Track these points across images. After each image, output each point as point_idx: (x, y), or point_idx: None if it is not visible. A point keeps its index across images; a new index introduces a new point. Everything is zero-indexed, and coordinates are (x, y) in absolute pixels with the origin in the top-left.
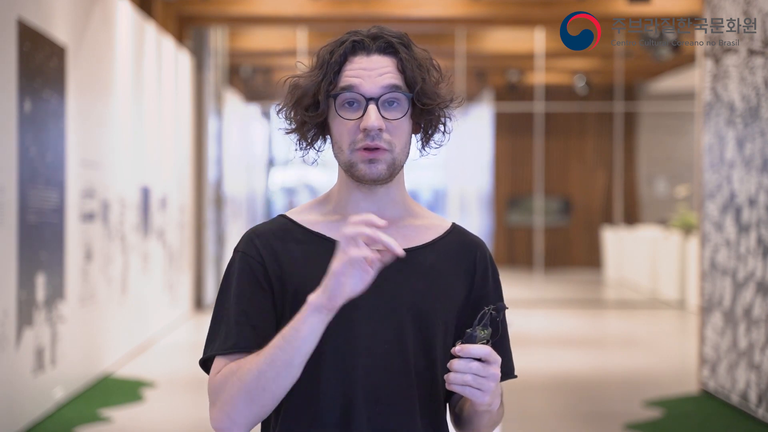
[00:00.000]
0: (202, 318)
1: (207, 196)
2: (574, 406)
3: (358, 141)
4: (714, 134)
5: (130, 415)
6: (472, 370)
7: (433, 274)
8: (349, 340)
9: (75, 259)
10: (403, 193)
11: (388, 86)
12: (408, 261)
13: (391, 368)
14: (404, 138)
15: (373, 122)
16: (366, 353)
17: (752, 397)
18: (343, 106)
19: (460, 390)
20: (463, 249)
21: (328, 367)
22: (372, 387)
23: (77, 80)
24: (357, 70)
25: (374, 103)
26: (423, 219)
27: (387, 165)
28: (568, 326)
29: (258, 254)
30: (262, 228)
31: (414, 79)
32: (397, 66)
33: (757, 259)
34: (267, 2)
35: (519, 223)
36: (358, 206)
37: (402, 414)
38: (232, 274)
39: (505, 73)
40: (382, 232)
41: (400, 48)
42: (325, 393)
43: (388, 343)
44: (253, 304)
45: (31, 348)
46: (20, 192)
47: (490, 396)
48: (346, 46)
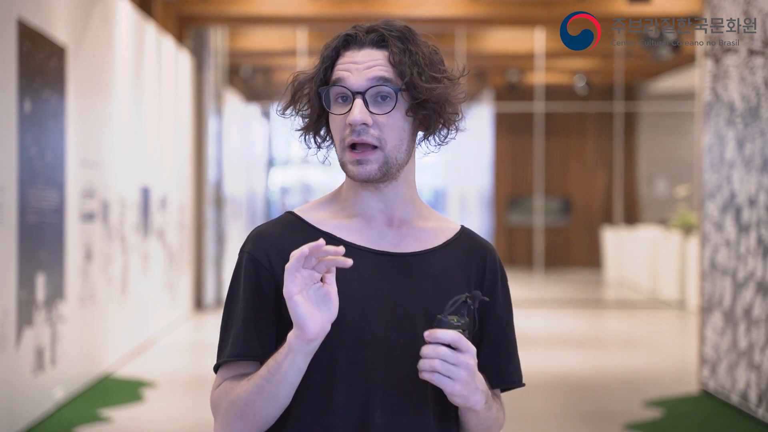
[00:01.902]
0: (202, 318)
1: (207, 196)
2: (574, 406)
3: (346, 137)
4: (714, 134)
5: (130, 415)
6: (439, 356)
7: (443, 279)
8: (363, 348)
9: (75, 259)
10: (412, 193)
11: (374, 79)
12: (418, 265)
13: (405, 376)
14: (397, 134)
15: (355, 116)
16: (381, 362)
17: (752, 397)
18: (336, 101)
19: (428, 377)
20: (473, 253)
21: (343, 376)
22: (388, 395)
23: (77, 80)
24: (347, 63)
25: (360, 96)
26: (432, 221)
27: (378, 164)
28: (568, 326)
29: (265, 256)
30: (269, 228)
31: (403, 72)
32: (388, 59)
33: (757, 259)
34: (267, 2)
35: (519, 223)
36: (366, 205)
37: (417, 422)
38: (239, 278)
39: (505, 73)
40: (390, 233)
41: (393, 41)
42: (340, 402)
43: (402, 349)
44: (259, 311)
45: (31, 348)
46: (20, 192)
47: (462, 386)
48: (339, 40)
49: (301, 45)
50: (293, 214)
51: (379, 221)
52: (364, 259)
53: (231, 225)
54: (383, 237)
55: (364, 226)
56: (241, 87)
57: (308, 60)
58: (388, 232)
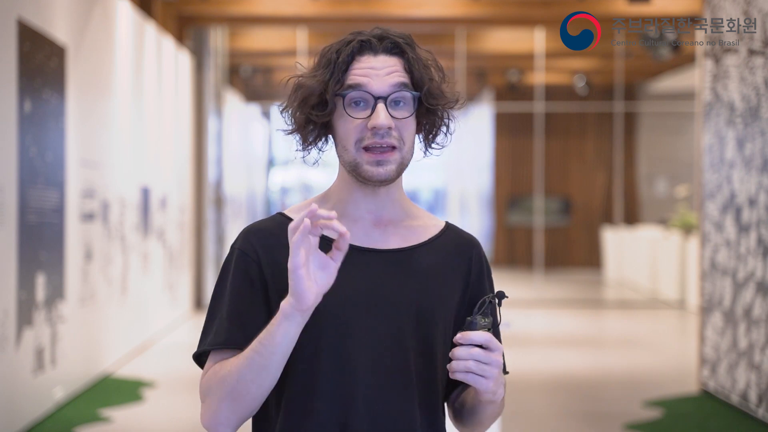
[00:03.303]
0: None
1: (207, 196)
2: (574, 406)
3: (366, 139)
4: (714, 134)
5: (130, 415)
6: (474, 357)
7: (430, 273)
8: (347, 338)
9: (75, 259)
10: (401, 194)
11: (396, 85)
12: (405, 260)
13: (391, 367)
14: (411, 137)
15: (382, 120)
16: (366, 352)
17: (752, 397)
18: (350, 105)
19: (462, 377)
20: (459, 249)
21: (327, 365)
22: (372, 386)
23: (77, 80)
24: (365, 69)
25: (383, 101)
26: (419, 219)
27: (396, 165)
28: (568, 326)
29: (254, 251)
30: (259, 225)
31: (421, 79)
32: (404, 66)
33: (757, 259)
34: (267, 2)
35: (519, 223)
36: (358, 206)
37: (401, 413)
38: (228, 271)
39: (505, 73)
40: (377, 232)
41: (407, 48)
42: (323, 390)
43: (388, 341)
44: (246, 303)
45: (31, 348)
46: (20, 192)
47: (494, 383)
48: (353, 45)
49: (301, 45)
50: (282, 215)
51: (367, 221)
52: (348, 256)
53: (231, 225)
54: (369, 236)
55: (351, 225)
56: (241, 87)
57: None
58: (374, 231)
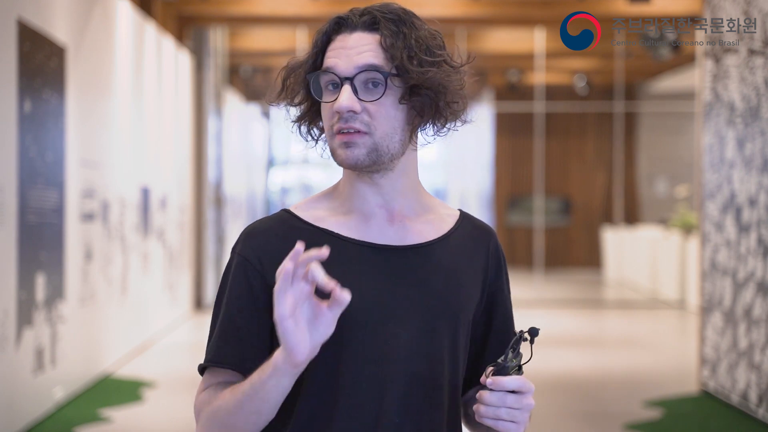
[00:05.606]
0: (202, 318)
1: (207, 196)
2: (574, 406)
3: (334, 124)
4: (714, 134)
5: (130, 415)
6: (506, 404)
7: (450, 270)
8: (377, 350)
9: (75, 259)
10: (413, 185)
11: (363, 65)
12: (425, 258)
13: (425, 381)
14: (389, 123)
15: (341, 104)
16: (399, 364)
17: (752, 398)
18: (327, 88)
19: (492, 424)
20: (475, 241)
21: (356, 379)
22: (404, 397)
23: (77, 80)
24: (337, 49)
25: (349, 83)
26: (433, 211)
27: (367, 149)
28: (568, 326)
29: (255, 256)
30: (261, 225)
31: (394, 56)
32: (380, 43)
33: (757, 259)
34: (267, 2)
35: (519, 223)
36: (364, 199)
37: (431, 423)
38: (228, 279)
39: (505, 73)
40: (391, 229)
41: (386, 23)
42: (350, 406)
43: (422, 348)
44: (244, 316)
45: (31, 348)
46: (20, 192)
47: (522, 427)
48: (330, 24)
49: (301, 45)
50: (288, 212)
51: (380, 217)
52: (364, 255)
53: (231, 225)
54: (384, 233)
55: (364, 222)
56: (241, 87)
57: None
58: (389, 228)
